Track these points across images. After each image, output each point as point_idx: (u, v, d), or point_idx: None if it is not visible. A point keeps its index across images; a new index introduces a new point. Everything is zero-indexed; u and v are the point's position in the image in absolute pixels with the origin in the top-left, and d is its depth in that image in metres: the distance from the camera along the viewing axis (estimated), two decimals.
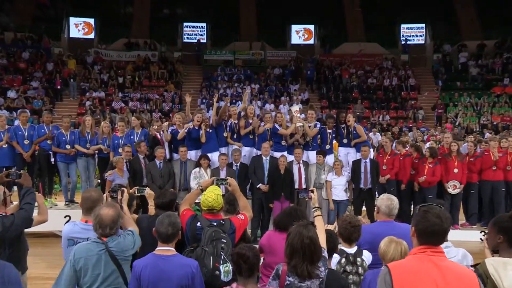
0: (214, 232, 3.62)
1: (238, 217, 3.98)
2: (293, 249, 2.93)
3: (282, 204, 8.10)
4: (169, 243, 3.32)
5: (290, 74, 24.61)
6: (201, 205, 3.86)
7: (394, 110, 22.79)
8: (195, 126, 8.76)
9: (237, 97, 22.53)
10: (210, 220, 3.77)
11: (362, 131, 9.13)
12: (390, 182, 9.03)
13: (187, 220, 3.89)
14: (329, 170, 8.57)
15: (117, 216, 3.31)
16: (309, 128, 8.93)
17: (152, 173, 8.29)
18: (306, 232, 2.95)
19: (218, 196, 3.84)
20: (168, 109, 21.77)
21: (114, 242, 3.25)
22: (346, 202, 8.64)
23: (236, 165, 8.60)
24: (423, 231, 2.38)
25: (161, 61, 25.37)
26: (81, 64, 24.31)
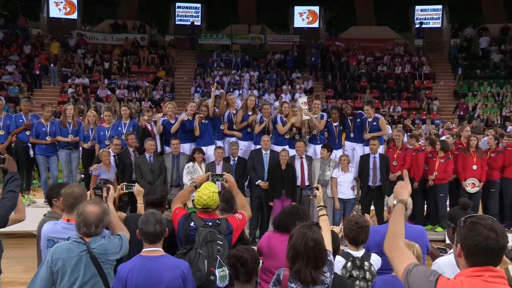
0: (209, 233, 3.61)
1: (235, 217, 3.97)
2: (296, 252, 2.91)
3: (283, 203, 8.11)
4: (156, 242, 3.32)
5: (292, 61, 24.55)
6: (195, 203, 3.85)
7: (406, 101, 22.79)
8: (189, 117, 8.74)
9: (235, 86, 22.49)
10: (204, 220, 3.77)
11: (384, 124, 9.09)
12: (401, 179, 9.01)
13: (180, 220, 3.89)
14: (335, 166, 8.57)
15: (103, 214, 3.29)
16: (316, 120, 8.92)
17: (141, 167, 8.29)
18: (311, 234, 2.93)
19: (213, 193, 3.83)
20: (159, 97, 21.72)
21: (97, 243, 3.23)
22: (353, 201, 8.65)
23: (233, 159, 8.60)
24: (473, 248, 2.06)
25: (151, 45, 25.27)
26: (62, 47, 24.20)
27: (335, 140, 9.02)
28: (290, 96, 21.79)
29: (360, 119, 9.00)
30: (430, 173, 9.02)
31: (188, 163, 8.41)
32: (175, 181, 8.48)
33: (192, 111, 8.76)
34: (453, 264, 3.06)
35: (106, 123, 9.15)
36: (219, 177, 4.23)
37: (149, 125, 8.89)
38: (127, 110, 9.27)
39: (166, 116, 8.84)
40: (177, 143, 8.47)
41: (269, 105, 9.46)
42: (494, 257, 2.06)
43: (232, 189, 4.19)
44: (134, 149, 8.53)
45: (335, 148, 8.98)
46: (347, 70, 24.38)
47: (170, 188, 8.47)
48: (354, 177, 8.63)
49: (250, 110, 8.99)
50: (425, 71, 24.11)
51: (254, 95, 9.55)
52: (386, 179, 8.63)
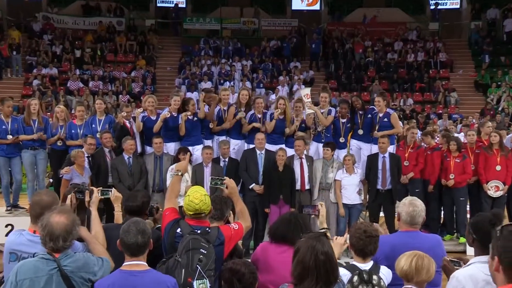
0: (192, 240, 3.65)
1: (230, 226, 4.00)
2: (304, 268, 2.85)
3: (280, 209, 8.14)
4: (139, 255, 3.32)
5: (290, 48, 24.60)
6: (185, 208, 3.88)
7: (419, 93, 22.91)
8: (173, 112, 8.74)
9: (225, 77, 22.49)
10: (192, 227, 3.80)
11: (397, 120, 9.11)
12: (414, 182, 9.10)
13: (167, 225, 3.92)
14: (339, 167, 8.61)
15: (72, 224, 3.25)
16: (322, 115, 8.94)
17: (119, 170, 8.29)
18: (321, 247, 2.90)
19: (205, 196, 3.87)
20: (139, 90, 21.70)
21: (70, 259, 3.21)
22: (359, 207, 8.70)
23: (224, 160, 8.62)
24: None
25: (129, 31, 25.24)
26: (26, 32, 24.06)
27: (340, 138, 9.06)
28: (287, 89, 21.84)
29: (371, 115, 9.05)
30: (444, 175, 9.07)
31: (172, 165, 8.41)
32: (157, 185, 8.49)
33: (177, 106, 8.76)
34: (475, 277, 3.09)
35: (78, 119, 9.14)
36: (219, 181, 4.25)
37: (128, 122, 8.89)
38: (102, 104, 9.27)
39: (146, 112, 8.84)
40: (160, 142, 8.48)
41: (262, 99, 9.45)
42: None
43: (233, 196, 4.22)
44: (110, 149, 8.53)
45: (340, 147, 9.03)
46: (352, 59, 24.46)
47: (152, 193, 8.47)
48: (361, 180, 8.67)
49: (243, 107, 9.00)
50: (442, 59, 24.24)
51: (247, 89, 9.56)
52: (397, 182, 8.68)
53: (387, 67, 23.89)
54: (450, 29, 26.30)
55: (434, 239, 4.24)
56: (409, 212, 4.05)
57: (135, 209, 4.22)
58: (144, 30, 25.34)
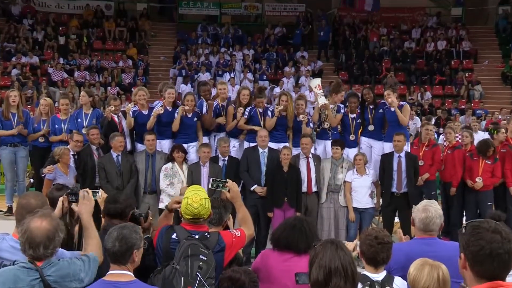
0: (191, 246, 3.68)
1: (232, 232, 4.04)
2: (330, 270, 2.90)
3: (284, 213, 8.18)
4: (121, 264, 3.34)
5: (297, 36, 24.60)
6: (183, 212, 3.91)
7: (439, 86, 22.89)
8: (167, 107, 8.78)
9: (225, 68, 22.51)
10: (190, 232, 3.84)
11: (407, 112, 9.07)
12: (429, 184, 9.12)
13: (161, 230, 3.97)
14: (349, 167, 8.64)
15: (54, 230, 3.24)
16: (331, 112, 8.94)
17: (106, 169, 8.33)
18: (340, 249, 2.98)
19: (206, 200, 3.90)
20: (129, 82, 21.74)
21: (53, 268, 3.20)
22: (371, 211, 8.74)
23: (223, 159, 8.65)
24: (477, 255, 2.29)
25: (119, 16, 25.23)
26: (3, 16, 24.07)
27: (350, 136, 9.08)
28: (293, 81, 21.85)
29: (383, 109, 9.06)
30: (469, 176, 9.08)
31: (166, 164, 8.46)
32: (149, 186, 8.53)
33: (171, 99, 8.79)
34: None
35: (62, 113, 9.18)
36: (220, 184, 4.27)
37: (116, 116, 8.93)
38: (86, 97, 9.29)
39: (137, 106, 8.88)
40: (153, 139, 8.51)
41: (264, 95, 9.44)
42: (502, 264, 2.23)
43: (235, 201, 4.25)
44: (98, 146, 8.57)
45: (350, 146, 9.05)
46: (366, 48, 24.44)
47: (143, 195, 8.54)
48: (373, 181, 8.71)
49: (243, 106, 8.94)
50: (465, 48, 24.20)
51: (247, 88, 9.48)
52: (414, 184, 8.71)
53: (404, 57, 23.86)
54: (474, 15, 26.14)
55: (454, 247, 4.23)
56: (421, 218, 4.08)
57: (115, 212, 4.24)
58: (136, 15, 25.35)
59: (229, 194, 4.24)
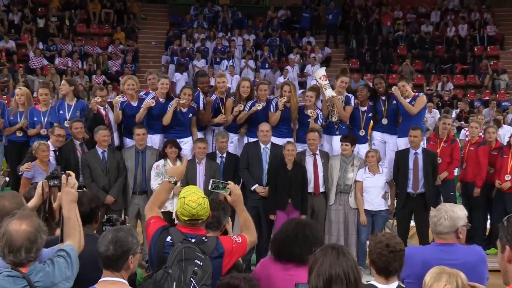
0: (185, 249, 3.70)
1: (232, 238, 4.05)
2: (330, 277, 2.92)
3: (288, 216, 8.14)
4: (114, 270, 3.36)
5: (302, 20, 24.57)
6: (179, 213, 3.92)
7: (461, 75, 22.87)
8: (160, 98, 8.77)
9: (223, 54, 22.48)
10: (186, 235, 3.85)
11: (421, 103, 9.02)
12: (448, 184, 9.12)
13: (155, 233, 3.97)
14: (360, 166, 8.63)
15: (36, 232, 3.25)
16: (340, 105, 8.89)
17: (91, 167, 8.32)
18: (343, 254, 2.99)
19: (204, 200, 3.91)
20: (117, 70, 21.73)
21: (40, 274, 3.22)
22: (385, 214, 8.75)
23: (221, 156, 8.64)
24: None
25: None
26: None
27: (360, 131, 9.07)
28: (298, 69, 21.83)
29: (396, 101, 9.04)
30: (497, 176, 9.07)
31: (157, 161, 8.45)
32: (139, 186, 8.52)
33: (165, 90, 8.77)
34: None
35: (41, 105, 9.16)
36: (221, 185, 4.27)
37: (103, 108, 8.93)
38: (66, 85, 9.25)
39: (126, 97, 8.87)
40: (143, 134, 8.49)
41: (266, 85, 9.43)
42: None
43: (236, 205, 4.24)
44: (82, 141, 8.57)
45: (360, 142, 9.05)
46: (379, 33, 24.43)
47: (132, 195, 8.54)
48: (387, 181, 8.71)
49: (244, 100, 8.96)
50: (490, 33, 24.14)
51: (248, 80, 9.47)
52: (432, 184, 8.71)
53: (422, 43, 23.83)
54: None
55: (476, 253, 4.21)
56: (431, 217, 4.11)
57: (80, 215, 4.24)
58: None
59: (229, 197, 4.23)
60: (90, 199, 4.39)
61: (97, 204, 4.45)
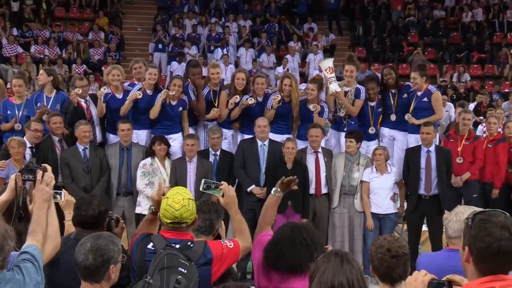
0: (167, 256, 3.70)
1: (222, 243, 4.04)
2: (332, 286, 2.94)
3: (288, 220, 8.16)
4: (94, 281, 3.36)
5: (303, 4, 24.56)
6: (161, 215, 3.91)
7: (478, 65, 22.89)
8: (147, 90, 8.77)
9: (217, 42, 22.45)
10: (169, 240, 3.85)
11: (439, 102, 9.07)
12: (470, 185, 9.12)
13: (136, 240, 3.99)
14: (367, 165, 8.66)
15: (2, 238, 3.21)
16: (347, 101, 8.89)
17: (71, 166, 8.33)
18: (347, 262, 3.02)
19: (189, 201, 3.89)
20: (99, 59, 21.70)
21: (9, 285, 3.20)
22: (393, 217, 8.77)
23: (214, 154, 8.67)
24: (483, 252, 2.51)
25: None
26: None
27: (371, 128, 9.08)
28: (299, 58, 21.81)
29: (407, 94, 9.07)
30: None
31: (144, 159, 8.47)
32: (124, 186, 8.55)
33: (153, 81, 8.78)
34: None
35: (16, 97, 9.15)
36: (212, 185, 4.28)
37: (84, 101, 8.91)
38: (44, 76, 9.25)
39: (110, 88, 8.87)
40: (128, 129, 8.51)
41: (264, 78, 9.42)
42: (509, 261, 2.50)
43: (230, 208, 4.24)
44: (61, 137, 8.57)
45: (369, 138, 9.08)
46: (388, 18, 24.45)
47: (116, 197, 8.55)
48: (396, 182, 8.74)
49: (240, 93, 8.96)
50: (510, 19, 24.14)
51: (243, 72, 9.43)
52: (446, 185, 8.72)
53: (435, 30, 23.83)
54: None
55: None
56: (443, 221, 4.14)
57: (88, 220, 4.23)
58: None
59: (222, 199, 4.23)
60: (99, 203, 4.35)
61: (106, 208, 4.41)
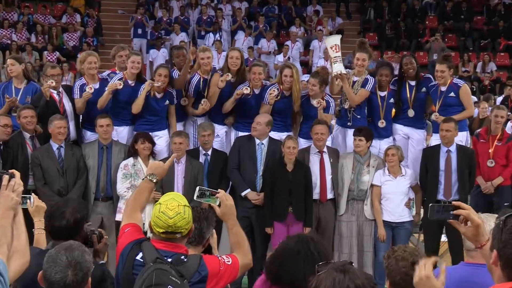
0: (157, 272, 3.69)
1: (219, 258, 4.07)
2: None
3: (288, 229, 8.22)
4: None
5: None
6: (153, 223, 3.89)
7: (505, 53, 22.99)
8: (129, 80, 8.79)
9: (208, 27, 22.45)
10: (161, 252, 3.86)
11: (469, 96, 9.04)
12: (502, 192, 9.13)
13: (125, 248, 3.99)
14: (378, 166, 8.68)
15: None
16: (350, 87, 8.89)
17: (44, 166, 8.34)
18: (352, 277, 3.00)
19: (185, 208, 3.89)
20: (74, 45, 21.71)
21: None
22: (409, 226, 8.80)
23: (205, 153, 8.70)
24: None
25: None
26: None
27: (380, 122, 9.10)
28: (301, 46, 21.82)
29: (427, 88, 9.09)
30: None
31: (126, 159, 8.49)
32: (103, 190, 8.57)
33: (135, 70, 8.81)
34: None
35: None
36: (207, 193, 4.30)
37: (56, 92, 8.92)
38: (16, 65, 9.23)
39: (84, 78, 8.89)
40: (108, 125, 8.52)
41: (262, 67, 9.43)
42: None
43: (228, 219, 4.24)
44: (33, 134, 8.58)
45: (380, 136, 9.09)
46: (403, 0, 24.48)
47: (94, 202, 8.57)
48: (411, 186, 8.76)
49: (234, 76, 9.00)
50: None
51: (238, 50, 9.50)
52: (469, 191, 8.75)
53: (456, 13, 23.89)
54: None
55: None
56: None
57: (62, 231, 4.24)
58: None
59: (219, 209, 4.23)
60: (74, 210, 4.35)
61: (82, 215, 4.42)
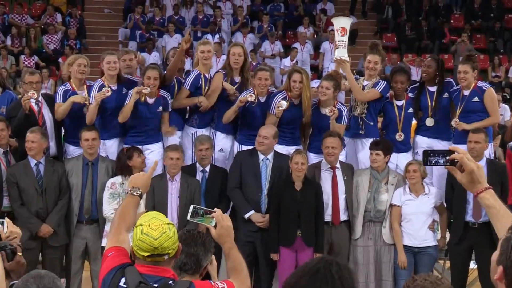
0: None
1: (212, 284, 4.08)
2: None
3: (297, 255, 8.24)
4: None
5: None
6: (135, 247, 3.90)
7: None
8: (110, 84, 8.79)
9: (205, 27, 22.52)
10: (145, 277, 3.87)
11: (494, 101, 9.07)
12: None
13: (107, 274, 4.00)
14: (398, 184, 8.69)
15: None
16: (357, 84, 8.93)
17: (21, 185, 8.36)
18: None
19: (169, 226, 3.91)
20: (55, 48, 21.79)
21: None
22: (433, 252, 8.79)
23: (202, 170, 8.73)
24: None
25: None
26: None
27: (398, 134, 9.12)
28: (310, 47, 21.88)
29: (449, 93, 9.12)
30: None
31: (113, 177, 8.52)
32: (87, 211, 8.57)
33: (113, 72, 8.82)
34: None
35: None
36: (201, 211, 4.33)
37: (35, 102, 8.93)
38: None
39: (69, 84, 8.93)
40: (94, 138, 8.54)
41: (269, 71, 9.43)
42: None
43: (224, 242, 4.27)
44: (7, 149, 8.62)
45: (399, 150, 9.11)
46: None
47: (77, 225, 8.58)
48: (436, 206, 8.77)
49: (237, 74, 9.07)
50: None
51: (241, 46, 9.54)
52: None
53: (485, 12, 23.98)
54: None
55: None
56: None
57: None
58: None
59: (214, 231, 4.26)
60: None
61: None
